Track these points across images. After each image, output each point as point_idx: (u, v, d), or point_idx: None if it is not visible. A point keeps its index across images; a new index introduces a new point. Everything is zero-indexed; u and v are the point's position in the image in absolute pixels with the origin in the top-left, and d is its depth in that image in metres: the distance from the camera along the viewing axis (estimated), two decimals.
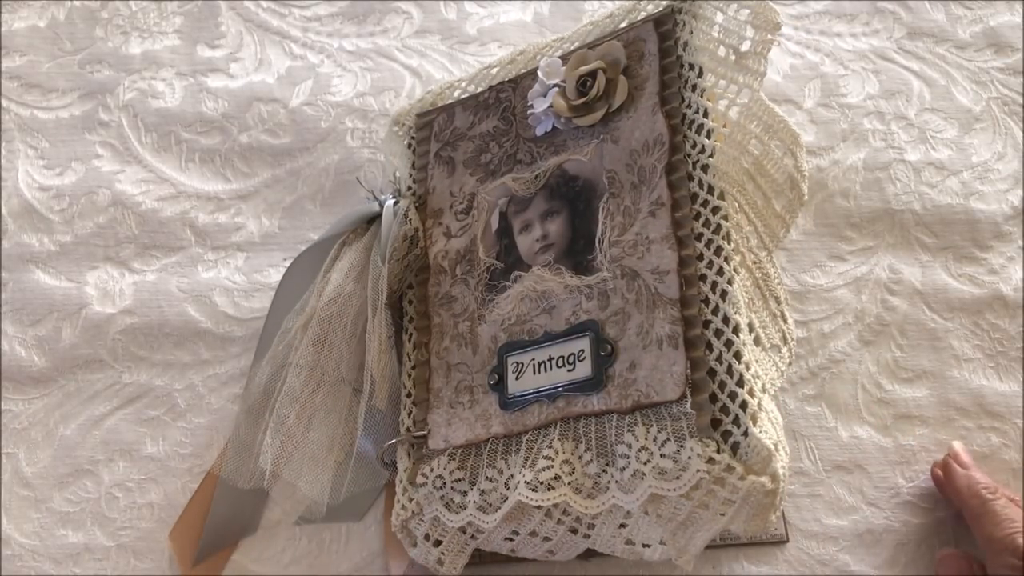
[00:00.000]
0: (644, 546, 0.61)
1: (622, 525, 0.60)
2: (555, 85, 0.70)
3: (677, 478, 0.55)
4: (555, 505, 0.59)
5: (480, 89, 0.78)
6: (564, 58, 0.71)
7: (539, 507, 0.59)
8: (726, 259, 0.59)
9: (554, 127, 0.70)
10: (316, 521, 0.73)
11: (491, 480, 0.62)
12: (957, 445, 0.71)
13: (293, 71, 0.90)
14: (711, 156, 0.63)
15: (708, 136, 0.63)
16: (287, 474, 0.69)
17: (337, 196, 0.85)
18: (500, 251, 0.70)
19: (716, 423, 0.56)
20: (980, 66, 0.88)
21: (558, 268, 0.66)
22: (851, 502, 0.72)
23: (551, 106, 0.70)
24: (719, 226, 0.61)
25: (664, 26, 0.68)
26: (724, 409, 0.56)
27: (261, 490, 0.71)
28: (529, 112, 0.71)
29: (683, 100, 0.66)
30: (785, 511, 0.72)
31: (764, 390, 0.56)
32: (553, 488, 0.58)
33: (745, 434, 0.54)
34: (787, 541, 0.71)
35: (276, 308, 0.76)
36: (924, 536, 0.71)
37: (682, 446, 0.55)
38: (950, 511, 0.71)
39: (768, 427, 0.55)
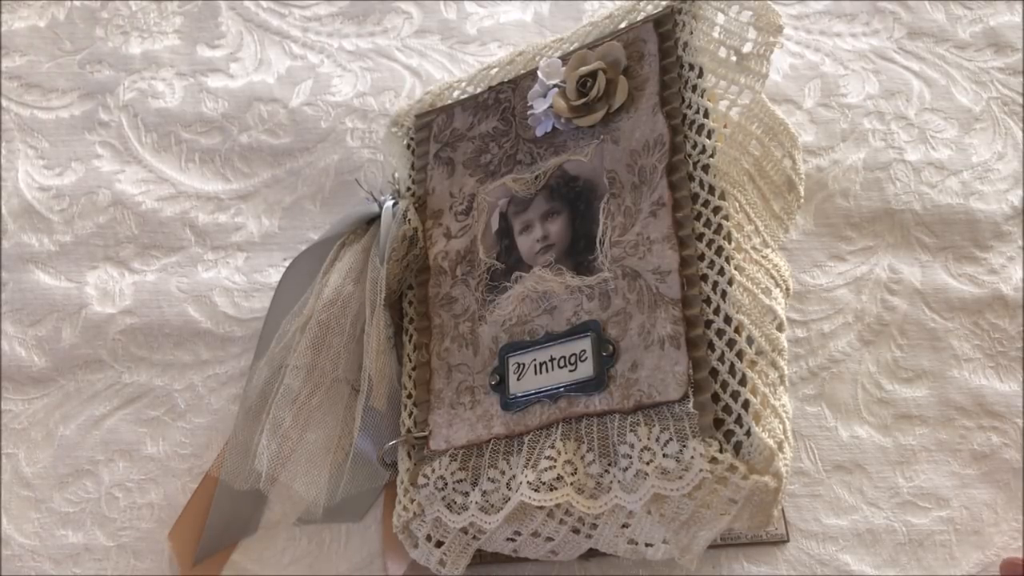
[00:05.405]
0: (647, 546, 0.61)
1: (624, 525, 0.60)
2: (555, 86, 0.70)
3: (680, 478, 0.55)
4: (557, 505, 0.59)
5: (479, 90, 0.77)
6: (564, 59, 0.71)
7: (541, 507, 0.59)
8: (727, 259, 0.59)
9: (554, 128, 0.70)
10: (316, 522, 0.73)
11: (493, 481, 0.62)
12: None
13: (293, 71, 0.90)
14: (712, 156, 0.63)
15: (709, 136, 0.63)
16: (284, 476, 0.69)
17: (337, 196, 0.85)
18: (500, 252, 0.70)
19: (719, 423, 0.56)
20: (980, 66, 0.88)
21: (559, 268, 0.66)
22: (851, 502, 0.72)
23: (551, 107, 0.70)
24: (720, 226, 0.61)
25: (664, 26, 0.68)
26: (726, 409, 0.56)
27: (260, 491, 0.71)
28: (529, 113, 0.71)
29: (683, 100, 0.66)
30: (785, 511, 0.72)
31: (782, 380, 0.56)
32: (555, 488, 0.58)
33: (748, 433, 0.55)
34: (787, 541, 0.71)
35: (275, 309, 0.76)
36: (924, 536, 0.71)
37: (685, 446, 0.55)
38: None
39: (774, 424, 0.55)
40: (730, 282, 0.59)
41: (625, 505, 0.57)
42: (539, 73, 0.71)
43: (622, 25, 0.72)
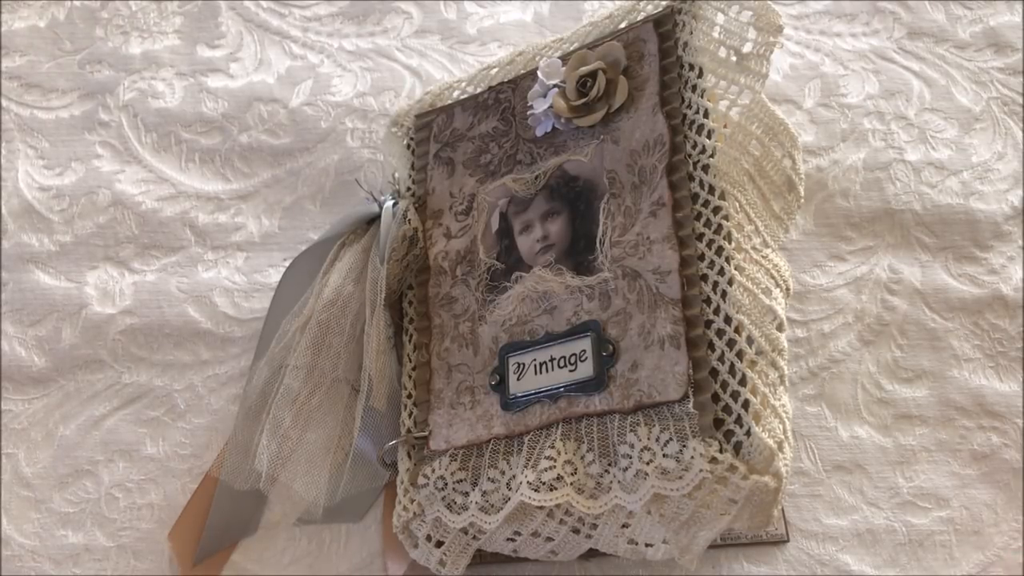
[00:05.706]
0: (647, 546, 0.61)
1: (624, 525, 0.60)
2: (555, 86, 0.70)
3: (680, 478, 0.55)
4: (557, 506, 0.59)
5: (479, 90, 0.77)
6: (564, 59, 0.71)
7: (541, 507, 0.59)
8: (727, 259, 0.59)
9: (554, 128, 0.70)
10: (316, 522, 0.73)
11: (493, 481, 0.62)
12: None
13: (293, 71, 0.90)
14: (712, 156, 0.63)
15: (709, 136, 0.63)
16: (284, 476, 0.69)
17: (337, 196, 0.85)
18: (501, 252, 0.70)
19: (719, 423, 0.56)
20: (980, 66, 0.88)
21: (559, 269, 0.66)
22: (851, 502, 0.72)
23: (551, 107, 0.70)
24: (720, 226, 0.61)
25: (664, 26, 0.68)
26: (726, 409, 0.56)
27: (260, 491, 0.71)
28: (529, 113, 0.71)
29: (683, 100, 0.66)
30: (785, 511, 0.72)
31: (782, 380, 0.56)
32: (555, 488, 0.58)
33: (748, 433, 0.55)
34: (787, 541, 0.71)
35: (275, 309, 0.76)
36: (924, 536, 0.71)
37: (685, 446, 0.55)
38: None
39: (774, 424, 0.55)
40: (730, 282, 0.59)
41: (625, 505, 0.57)
42: (539, 73, 0.71)
43: (622, 25, 0.72)
